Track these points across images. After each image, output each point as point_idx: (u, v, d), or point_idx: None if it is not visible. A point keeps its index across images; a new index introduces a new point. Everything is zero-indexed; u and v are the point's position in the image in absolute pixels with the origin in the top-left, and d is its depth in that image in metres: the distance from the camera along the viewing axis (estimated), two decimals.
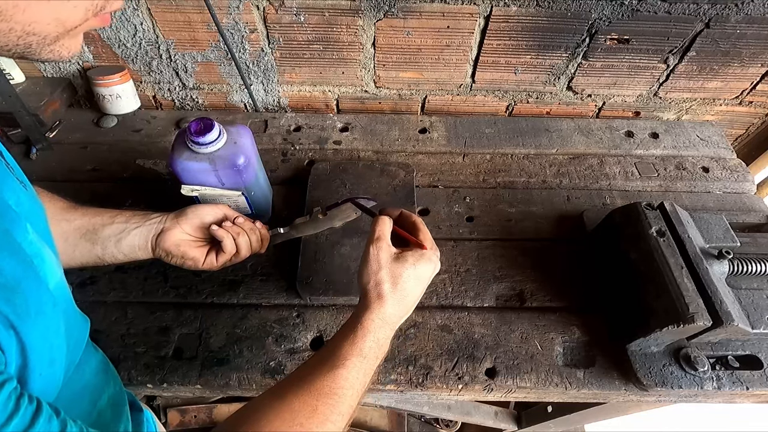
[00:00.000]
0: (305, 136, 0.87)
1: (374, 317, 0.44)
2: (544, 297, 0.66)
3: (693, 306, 0.53)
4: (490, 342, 0.62)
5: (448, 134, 0.88)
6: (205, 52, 0.85)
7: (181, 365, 0.59)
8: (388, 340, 0.45)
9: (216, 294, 0.66)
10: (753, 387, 0.57)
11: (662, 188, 0.81)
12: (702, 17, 0.75)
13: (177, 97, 0.95)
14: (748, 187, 0.82)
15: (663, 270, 0.57)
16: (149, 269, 0.68)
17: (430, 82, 0.90)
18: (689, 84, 0.89)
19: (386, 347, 0.45)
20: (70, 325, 0.38)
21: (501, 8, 0.75)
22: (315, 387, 0.40)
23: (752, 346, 0.60)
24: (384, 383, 0.59)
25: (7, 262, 0.30)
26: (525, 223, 0.75)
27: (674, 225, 0.62)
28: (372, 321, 0.44)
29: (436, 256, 0.49)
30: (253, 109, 0.96)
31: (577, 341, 0.62)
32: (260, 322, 0.63)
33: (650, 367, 0.58)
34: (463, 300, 0.66)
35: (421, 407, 1.09)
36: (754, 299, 0.60)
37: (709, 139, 0.89)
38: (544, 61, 0.85)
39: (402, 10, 0.76)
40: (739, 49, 0.80)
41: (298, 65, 0.87)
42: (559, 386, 0.59)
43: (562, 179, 0.82)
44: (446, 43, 0.81)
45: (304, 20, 0.78)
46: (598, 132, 0.90)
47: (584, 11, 0.75)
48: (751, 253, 0.64)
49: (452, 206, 0.77)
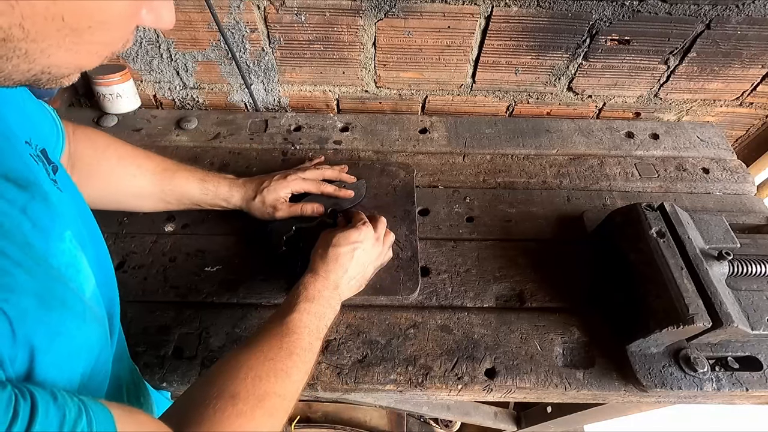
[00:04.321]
0: (305, 136, 0.87)
1: (308, 277, 0.55)
2: (544, 297, 0.66)
3: (693, 307, 0.53)
4: (489, 342, 0.62)
5: (448, 134, 0.88)
6: (206, 52, 0.85)
7: (180, 365, 0.59)
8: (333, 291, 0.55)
9: (216, 294, 0.66)
10: (752, 388, 0.57)
11: (662, 189, 0.81)
12: (703, 18, 0.75)
13: (177, 97, 0.95)
14: (749, 188, 0.82)
15: (663, 271, 0.57)
16: (149, 269, 0.68)
17: (430, 82, 0.90)
18: (690, 85, 0.89)
19: (332, 299, 0.54)
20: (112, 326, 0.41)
21: (502, 8, 0.75)
22: (276, 331, 0.48)
23: (752, 348, 0.60)
24: (383, 383, 0.59)
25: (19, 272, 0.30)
26: (525, 224, 0.75)
27: (674, 226, 0.62)
28: (307, 278, 0.55)
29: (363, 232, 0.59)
30: (254, 108, 0.96)
31: (576, 342, 0.62)
32: (260, 322, 0.63)
33: (650, 368, 0.58)
34: (462, 300, 0.66)
35: (421, 407, 1.09)
36: (754, 300, 0.60)
37: (710, 140, 0.89)
38: (544, 62, 0.85)
39: (403, 10, 0.76)
40: (740, 50, 0.81)
41: (299, 65, 0.87)
42: (559, 387, 0.59)
43: (562, 180, 0.82)
44: (447, 44, 0.81)
45: (305, 20, 0.78)
46: (599, 133, 0.90)
47: (585, 12, 0.75)
48: (751, 254, 0.64)
49: (452, 206, 0.77)
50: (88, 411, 0.29)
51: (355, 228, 0.59)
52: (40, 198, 0.35)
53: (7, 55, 0.27)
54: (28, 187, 0.34)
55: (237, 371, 0.42)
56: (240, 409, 0.39)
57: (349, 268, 0.57)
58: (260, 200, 0.67)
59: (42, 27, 0.27)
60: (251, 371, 0.43)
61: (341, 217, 0.66)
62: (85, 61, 0.31)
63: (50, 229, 0.34)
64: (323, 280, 0.55)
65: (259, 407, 0.41)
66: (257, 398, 0.41)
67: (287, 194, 0.68)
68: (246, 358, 0.44)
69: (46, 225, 0.34)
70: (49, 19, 0.27)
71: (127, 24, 0.31)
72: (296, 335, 0.48)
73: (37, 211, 0.34)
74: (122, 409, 0.32)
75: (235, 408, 0.39)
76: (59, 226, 0.36)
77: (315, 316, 0.51)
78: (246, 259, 0.69)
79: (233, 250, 0.70)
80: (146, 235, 0.71)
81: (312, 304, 0.51)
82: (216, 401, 0.39)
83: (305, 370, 0.48)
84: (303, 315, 0.50)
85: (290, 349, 0.46)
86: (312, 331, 0.50)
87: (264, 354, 0.45)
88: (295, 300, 0.51)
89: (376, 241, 0.61)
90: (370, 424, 1.23)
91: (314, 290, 0.53)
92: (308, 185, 0.70)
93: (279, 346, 0.46)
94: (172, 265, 0.68)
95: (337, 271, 0.56)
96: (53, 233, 0.35)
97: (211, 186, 0.67)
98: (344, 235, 0.58)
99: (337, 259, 0.56)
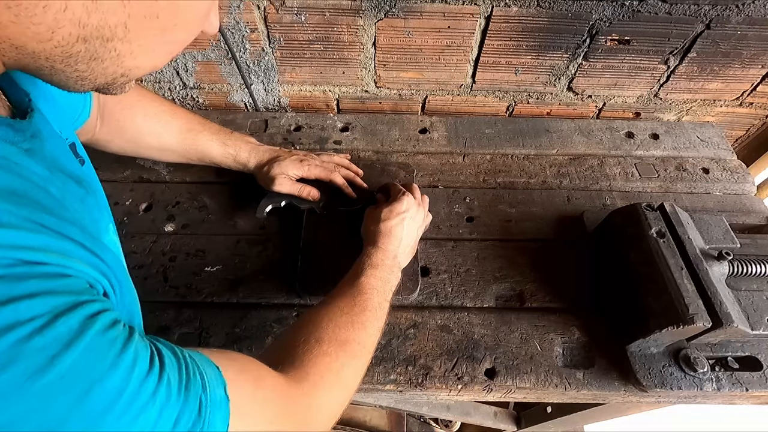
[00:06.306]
0: (305, 136, 0.87)
1: (369, 249, 0.58)
2: (544, 297, 0.66)
3: (693, 307, 0.53)
4: (489, 342, 0.62)
5: (448, 134, 0.88)
6: (206, 52, 0.85)
7: None
8: (393, 260, 0.58)
9: (216, 294, 0.66)
10: (752, 388, 0.57)
11: (662, 189, 0.81)
12: (703, 18, 0.75)
13: (177, 96, 0.95)
14: (749, 188, 0.82)
15: (663, 271, 0.57)
16: (149, 269, 0.68)
17: (430, 83, 0.90)
18: (690, 85, 0.89)
19: (393, 266, 0.58)
20: None
21: (502, 8, 0.75)
22: (348, 291, 0.52)
23: (752, 348, 0.60)
24: (383, 383, 0.59)
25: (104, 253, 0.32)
26: (525, 224, 0.75)
27: (674, 226, 0.62)
28: (369, 250, 0.58)
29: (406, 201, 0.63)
30: (254, 108, 0.96)
31: (576, 342, 0.62)
32: (260, 322, 0.63)
33: (650, 368, 0.58)
34: (462, 300, 0.66)
35: (421, 407, 1.09)
36: (753, 300, 0.60)
37: (710, 141, 0.89)
38: (544, 62, 0.85)
39: (403, 10, 0.76)
40: (740, 50, 0.80)
41: (299, 65, 0.87)
42: (559, 387, 0.59)
43: (562, 180, 0.82)
44: (447, 44, 0.81)
45: (305, 20, 0.78)
46: (599, 133, 0.90)
47: (585, 12, 0.75)
48: (751, 254, 0.64)
49: (452, 206, 0.77)
50: (182, 349, 0.31)
51: (397, 200, 0.62)
52: (91, 192, 0.37)
53: (102, 57, 0.28)
54: (81, 182, 0.36)
55: (319, 321, 0.47)
56: (325, 350, 0.44)
57: (402, 237, 0.60)
58: (267, 169, 0.69)
59: (139, 26, 0.27)
60: (331, 322, 0.47)
61: (380, 195, 0.70)
62: (160, 61, 0.32)
63: (100, 221, 0.37)
64: (383, 251, 0.58)
65: (342, 350, 0.45)
66: (339, 342, 0.45)
67: (296, 174, 0.70)
68: (325, 312, 0.48)
69: (98, 218, 0.37)
70: (147, 17, 0.27)
71: (202, 23, 0.33)
72: (367, 294, 0.52)
73: (90, 204, 0.36)
74: (209, 350, 0.34)
75: (321, 349, 0.44)
76: (106, 218, 0.39)
77: (380, 280, 0.55)
78: (246, 259, 0.69)
79: (233, 250, 0.70)
80: (146, 234, 0.71)
81: (377, 270, 0.55)
82: (304, 345, 0.44)
83: (378, 326, 0.51)
84: (370, 279, 0.54)
85: (363, 306, 0.51)
86: (380, 292, 0.54)
87: (341, 309, 0.49)
88: (362, 267, 0.55)
89: (419, 206, 0.64)
90: (370, 424, 1.23)
91: (377, 259, 0.57)
92: (319, 171, 0.71)
93: (353, 303, 0.50)
94: (172, 265, 0.68)
95: (393, 242, 0.59)
96: (102, 225, 0.37)
97: (232, 150, 0.70)
98: (390, 209, 0.61)
99: (390, 232, 0.60)
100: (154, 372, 0.26)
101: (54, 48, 0.26)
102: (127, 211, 0.74)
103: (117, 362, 0.25)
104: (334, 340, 0.45)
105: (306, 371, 0.41)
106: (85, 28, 0.25)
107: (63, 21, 0.25)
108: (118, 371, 0.25)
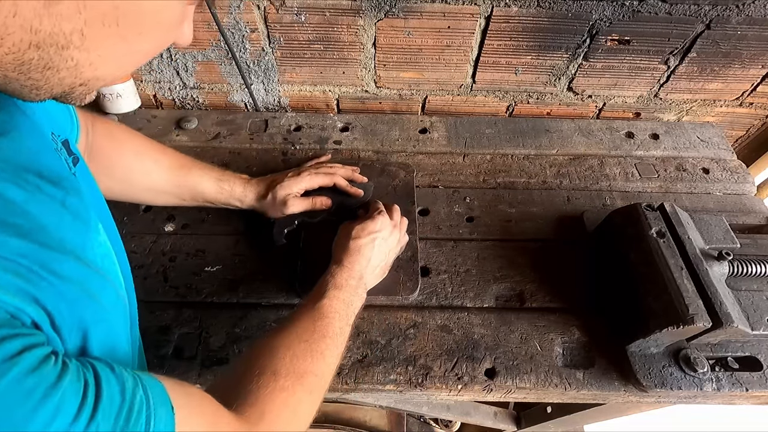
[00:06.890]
0: (305, 136, 0.87)
1: (334, 267, 0.56)
2: (543, 297, 0.66)
3: (693, 307, 0.53)
4: (489, 342, 0.62)
5: (448, 134, 0.88)
6: (206, 52, 0.85)
7: (180, 365, 0.59)
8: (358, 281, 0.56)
9: (216, 294, 0.66)
10: (752, 388, 0.57)
11: (662, 189, 0.81)
12: (703, 18, 0.75)
13: (177, 97, 0.95)
14: (749, 188, 0.82)
15: (663, 271, 0.57)
16: (149, 269, 0.68)
17: (430, 83, 0.90)
18: (690, 85, 0.89)
19: (358, 287, 0.56)
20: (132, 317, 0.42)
21: (502, 8, 0.75)
22: (308, 315, 0.50)
23: (752, 348, 0.60)
24: (383, 383, 0.59)
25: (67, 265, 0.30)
26: (525, 224, 0.75)
27: (674, 226, 0.62)
28: (333, 269, 0.56)
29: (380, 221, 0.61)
30: (254, 108, 0.96)
31: (576, 342, 0.62)
32: (260, 322, 0.63)
33: (650, 368, 0.58)
34: (462, 300, 0.66)
35: (421, 407, 1.09)
36: (754, 300, 0.60)
37: (710, 141, 0.89)
38: (544, 62, 0.85)
39: (403, 10, 0.76)
40: (740, 51, 0.80)
41: (299, 65, 0.87)
42: (559, 387, 0.59)
43: (562, 180, 0.82)
44: (447, 44, 0.81)
45: (305, 20, 0.78)
46: (599, 133, 0.90)
47: (585, 12, 0.75)
48: (751, 254, 0.64)
49: (452, 206, 0.77)
50: (141, 381, 0.30)
51: (371, 219, 0.60)
52: (74, 192, 0.35)
53: (58, 66, 0.26)
54: (60, 182, 0.34)
55: (276, 351, 0.45)
56: (281, 384, 0.42)
57: (371, 257, 0.58)
58: (272, 197, 0.67)
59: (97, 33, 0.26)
60: (289, 351, 0.45)
61: (362, 211, 0.67)
62: (124, 71, 0.31)
63: (88, 221, 0.35)
64: (348, 270, 0.56)
65: (299, 383, 0.43)
66: (297, 375, 0.43)
67: (300, 190, 0.69)
68: (282, 339, 0.46)
69: (84, 218, 0.35)
70: (106, 24, 0.26)
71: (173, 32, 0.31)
72: (328, 319, 0.50)
73: (74, 204, 0.34)
74: (170, 381, 0.33)
75: (277, 383, 0.41)
76: (94, 218, 0.37)
77: (343, 302, 0.53)
78: (246, 259, 0.69)
79: (233, 250, 0.70)
80: (146, 234, 0.71)
81: (340, 292, 0.53)
82: (258, 377, 0.41)
83: (337, 353, 0.49)
84: (333, 301, 0.52)
85: (323, 332, 0.48)
86: (342, 316, 0.52)
87: (299, 336, 0.47)
88: (324, 288, 0.53)
89: (394, 228, 0.62)
90: (370, 424, 1.23)
91: (341, 279, 0.54)
92: (321, 179, 0.70)
93: (312, 329, 0.48)
94: (172, 265, 0.68)
95: (360, 261, 0.57)
96: (91, 225, 0.35)
97: (227, 186, 0.68)
98: (362, 226, 0.59)
99: (359, 251, 0.58)
100: (82, 416, 0.24)
101: (5, 55, 0.25)
102: (127, 211, 0.74)
103: (32, 416, 0.23)
104: (291, 373, 0.43)
105: (261, 410, 0.39)
106: (38, 35, 0.24)
107: (13, 26, 0.23)
108: (34, 424, 0.23)
